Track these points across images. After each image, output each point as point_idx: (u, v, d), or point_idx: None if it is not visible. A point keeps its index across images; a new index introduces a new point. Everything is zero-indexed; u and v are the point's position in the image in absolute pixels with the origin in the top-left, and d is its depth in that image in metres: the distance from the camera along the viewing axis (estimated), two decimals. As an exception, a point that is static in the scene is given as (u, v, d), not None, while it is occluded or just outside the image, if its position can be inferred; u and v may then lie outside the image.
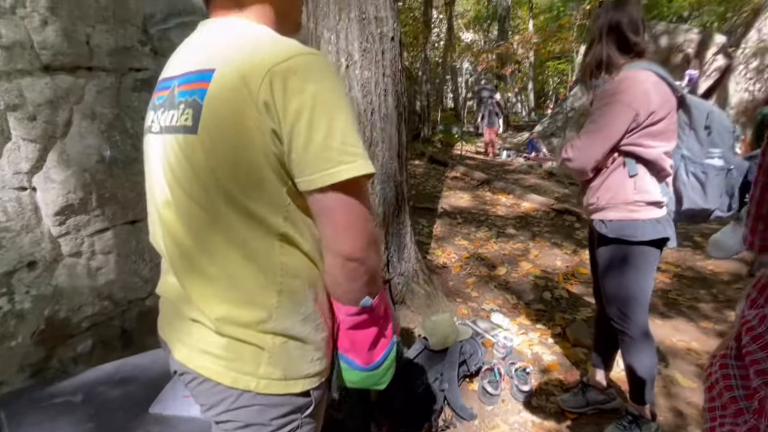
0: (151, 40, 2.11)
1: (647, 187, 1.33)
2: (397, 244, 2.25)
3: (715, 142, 1.30)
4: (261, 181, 0.61)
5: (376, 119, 2.06)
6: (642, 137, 1.29)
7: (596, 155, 1.32)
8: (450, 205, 4.69)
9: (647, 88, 1.26)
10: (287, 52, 0.59)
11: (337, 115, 0.58)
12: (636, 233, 1.34)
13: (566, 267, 3.12)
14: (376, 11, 1.94)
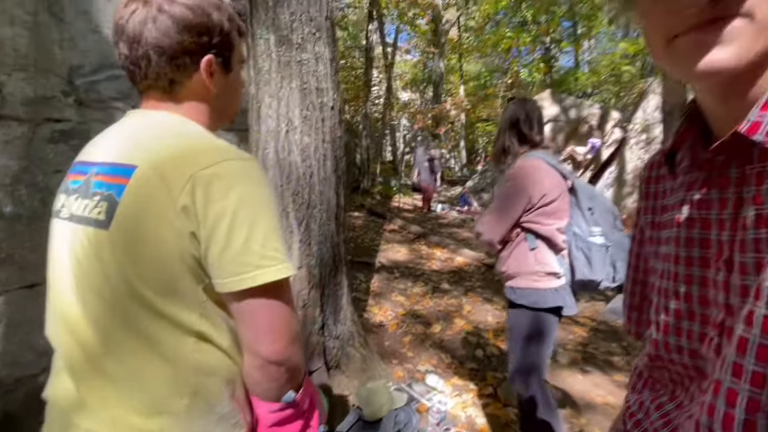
0: (77, 91, 2.00)
1: (545, 259, 1.52)
2: (333, 306, 2.21)
3: (598, 221, 1.50)
4: (174, 282, 0.59)
5: (315, 182, 2.09)
6: (538, 216, 1.50)
7: (500, 231, 1.53)
8: (388, 259, 4.75)
9: (539, 175, 1.49)
10: (215, 156, 0.59)
11: (259, 220, 0.58)
12: (538, 300, 1.51)
13: (497, 323, 3.25)
14: (318, 83, 2.04)
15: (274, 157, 2.03)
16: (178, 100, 0.68)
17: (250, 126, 2.14)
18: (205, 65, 0.66)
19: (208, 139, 0.64)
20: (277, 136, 2.02)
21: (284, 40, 1.96)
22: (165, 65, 0.64)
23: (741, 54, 0.38)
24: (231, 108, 0.77)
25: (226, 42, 0.68)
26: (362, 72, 12.22)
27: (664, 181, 0.60)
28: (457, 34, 17.44)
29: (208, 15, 0.65)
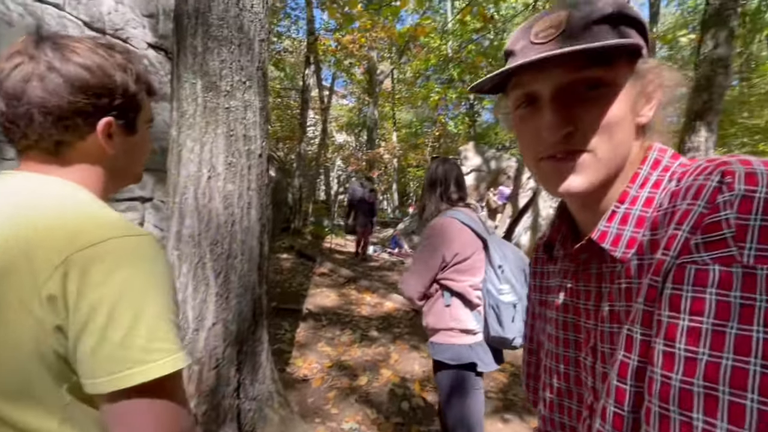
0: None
1: (460, 315, 1.58)
2: (251, 364, 2.06)
3: (508, 278, 1.57)
4: (28, 383, 0.50)
5: (237, 231, 2.00)
6: (452, 273, 1.57)
7: (418, 288, 1.59)
8: (316, 305, 4.60)
9: (452, 234, 1.57)
10: (97, 234, 0.52)
11: (147, 308, 0.51)
12: (454, 357, 1.55)
13: (423, 372, 3.25)
14: (246, 130, 2.00)
15: (193, 203, 1.92)
16: (65, 162, 0.61)
17: (168, 169, 2.02)
18: (103, 127, 0.61)
19: (93, 211, 0.57)
20: (198, 181, 1.92)
21: (212, 86, 1.92)
22: (50, 126, 0.57)
23: (589, 181, 0.47)
24: (134, 169, 0.72)
25: (130, 103, 0.64)
26: (298, 112, 12.32)
27: (548, 264, 0.67)
28: (391, 85, 18.49)
29: (110, 76, 0.60)
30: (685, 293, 0.37)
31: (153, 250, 0.56)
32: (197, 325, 1.89)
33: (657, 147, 0.50)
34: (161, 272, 0.56)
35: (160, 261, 0.57)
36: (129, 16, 2.57)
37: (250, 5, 2.01)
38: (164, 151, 2.65)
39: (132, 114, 0.65)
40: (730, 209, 0.36)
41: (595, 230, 0.49)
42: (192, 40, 1.92)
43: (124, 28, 2.52)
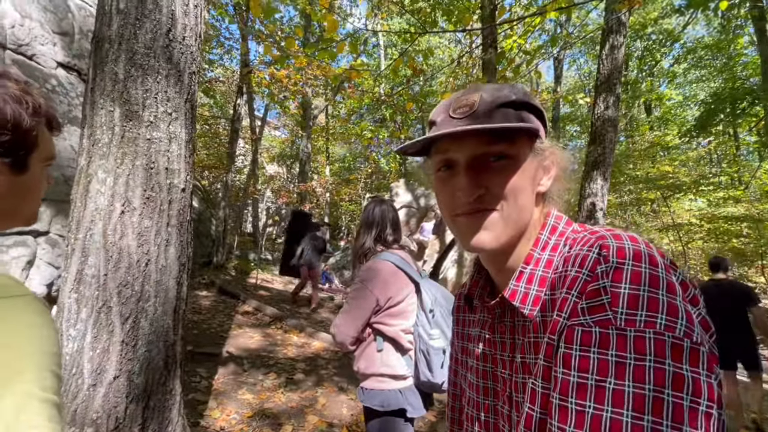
0: None
1: (391, 361, 1.57)
2: (158, 421, 1.83)
3: (438, 323, 1.58)
4: None
5: (152, 270, 1.83)
6: (385, 317, 1.57)
7: (350, 332, 1.55)
8: (238, 347, 4.28)
9: (386, 277, 1.58)
10: None
11: (15, 387, 0.44)
12: (382, 402, 1.53)
13: (351, 416, 3.14)
14: (169, 163, 1.89)
15: (101, 240, 1.73)
16: None
17: (72, 201, 1.81)
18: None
19: None
20: (109, 216, 1.75)
21: (133, 116, 1.80)
22: None
23: (496, 237, 0.54)
24: (25, 210, 0.64)
25: (21, 140, 0.57)
26: (227, 141, 11.89)
27: (468, 312, 0.72)
28: (325, 120, 18.77)
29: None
30: (574, 352, 0.43)
31: (31, 315, 0.49)
32: (94, 379, 1.66)
33: (554, 214, 0.59)
34: (39, 340, 0.48)
35: (38, 326, 0.49)
36: (37, 32, 2.35)
37: (181, 37, 1.95)
38: (67, 180, 2.38)
39: (22, 151, 0.59)
40: (606, 278, 0.43)
41: (507, 288, 0.55)
42: (113, 66, 1.80)
43: (29, 44, 2.29)
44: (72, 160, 2.38)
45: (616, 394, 0.38)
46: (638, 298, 0.40)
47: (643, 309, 0.40)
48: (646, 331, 0.39)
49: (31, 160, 0.60)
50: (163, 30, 1.88)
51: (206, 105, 14.25)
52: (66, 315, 1.71)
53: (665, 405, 0.37)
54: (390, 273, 1.58)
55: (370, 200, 1.84)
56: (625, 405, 0.38)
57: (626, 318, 0.40)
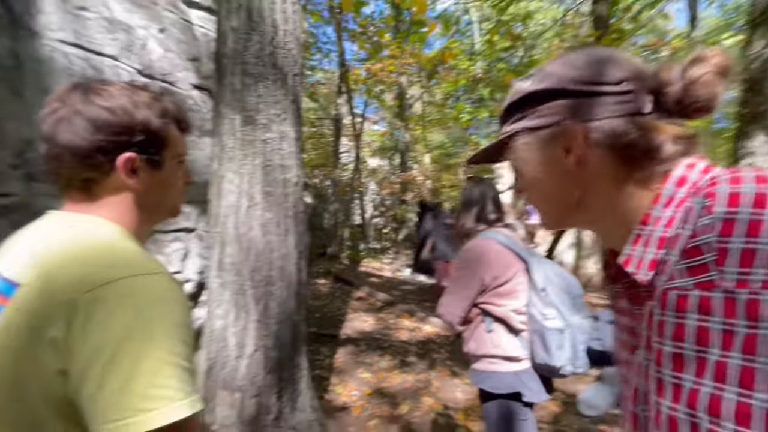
0: (27, 164, 1.94)
1: (502, 342, 1.49)
2: (290, 392, 2.06)
3: (552, 302, 1.45)
4: (41, 428, 0.51)
5: (275, 257, 2.04)
6: (492, 297, 1.50)
7: (457, 313, 1.53)
8: (354, 330, 4.58)
9: (489, 256, 1.50)
10: (106, 274, 0.51)
11: (150, 351, 0.49)
12: (496, 385, 1.46)
13: (466, 400, 3.11)
14: (282, 160, 2.08)
15: (234, 232, 1.99)
16: (94, 199, 0.63)
17: (210, 200, 2.11)
18: (123, 163, 0.62)
19: (108, 249, 0.57)
20: (238, 211, 2.00)
21: (250, 120, 2.02)
22: (77, 165, 0.60)
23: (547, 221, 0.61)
24: (167, 203, 0.72)
25: (152, 139, 0.65)
26: (332, 140, 12.69)
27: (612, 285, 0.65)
28: (421, 108, 18.73)
29: (130, 113, 0.62)
30: (668, 318, 0.39)
31: (165, 290, 0.55)
32: (238, 352, 1.92)
33: (686, 162, 0.49)
34: (171, 313, 0.53)
35: (171, 300, 0.54)
36: (176, 61, 2.78)
37: (283, 43, 2.12)
38: (206, 184, 2.79)
39: (155, 149, 0.66)
40: (710, 233, 0.36)
41: (621, 255, 0.50)
42: (231, 78, 2.04)
43: (171, 72, 2.73)
44: (208, 166, 2.78)
45: (719, 366, 0.34)
46: (755, 253, 0.33)
47: (763, 266, 0.33)
48: (763, 293, 0.33)
49: (165, 157, 0.68)
50: (268, 39, 2.06)
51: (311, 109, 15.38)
52: (213, 297, 2.01)
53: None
54: (494, 252, 1.51)
55: (468, 181, 1.79)
56: (729, 380, 0.33)
57: (738, 278, 0.34)
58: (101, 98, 0.61)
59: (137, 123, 0.62)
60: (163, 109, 0.67)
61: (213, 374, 1.93)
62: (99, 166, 0.61)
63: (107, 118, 0.60)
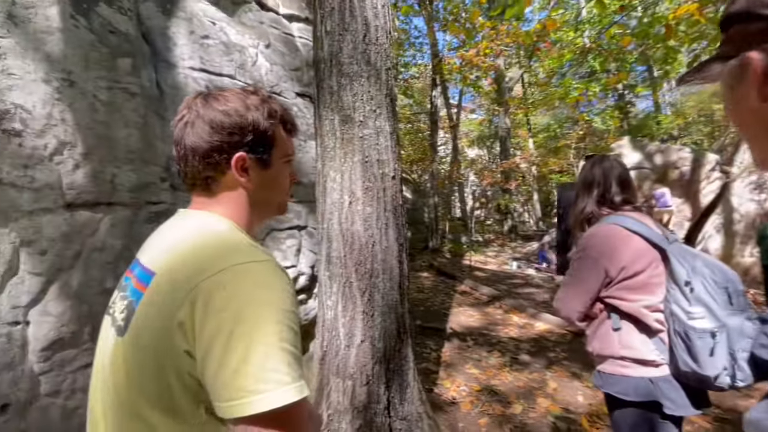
0: (172, 176, 2.29)
1: (632, 342, 1.28)
2: (398, 383, 2.08)
3: (701, 299, 1.16)
4: (173, 401, 0.56)
5: (377, 251, 2.08)
6: (620, 290, 1.28)
7: (576, 307, 1.35)
8: (459, 325, 4.48)
9: (615, 243, 1.28)
10: (223, 261, 0.56)
11: (260, 336, 0.51)
12: (624, 391, 1.27)
13: (590, 405, 2.81)
14: (379, 155, 2.10)
15: (338, 227, 2.08)
16: (214, 196, 0.69)
17: (316, 198, 2.24)
18: (236, 162, 0.67)
19: (225, 241, 0.62)
20: (341, 207, 2.08)
21: (347, 119, 2.08)
22: (198, 164, 0.67)
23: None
24: (275, 200, 0.76)
25: (261, 139, 0.69)
26: (428, 134, 12.64)
27: None
28: (522, 90, 17.54)
29: (242, 115, 0.67)
30: None
31: (273, 277, 0.57)
32: (348, 341, 2.01)
33: None
34: (279, 298, 0.56)
35: (279, 287, 0.57)
36: (281, 73, 3.02)
37: (375, 38, 2.14)
38: (313, 184, 2.99)
39: (263, 149, 0.70)
40: None
41: None
42: (329, 81, 2.13)
43: (277, 84, 2.98)
44: (313, 168, 2.97)
45: None
46: None
47: None
48: None
49: (273, 157, 0.72)
50: (360, 37, 2.10)
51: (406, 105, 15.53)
52: (323, 289, 2.13)
53: None
54: (620, 238, 1.30)
55: (587, 159, 1.56)
56: None
57: None
58: (218, 102, 0.67)
59: (248, 124, 0.67)
60: (271, 110, 0.70)
61: (326, 361, 2.05)
62: (216, 165, 0.67)
63: (223, 120, 0.66)
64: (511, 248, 12.63)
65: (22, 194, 1.71)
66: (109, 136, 2.04)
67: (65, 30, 1.95)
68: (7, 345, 1.64)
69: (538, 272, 8.91)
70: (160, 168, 2.25)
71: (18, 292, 1.70)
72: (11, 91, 1.71)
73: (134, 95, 2.17)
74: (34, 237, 1.75)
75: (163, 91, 2.32)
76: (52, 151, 1.83)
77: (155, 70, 2.31)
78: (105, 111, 2.04)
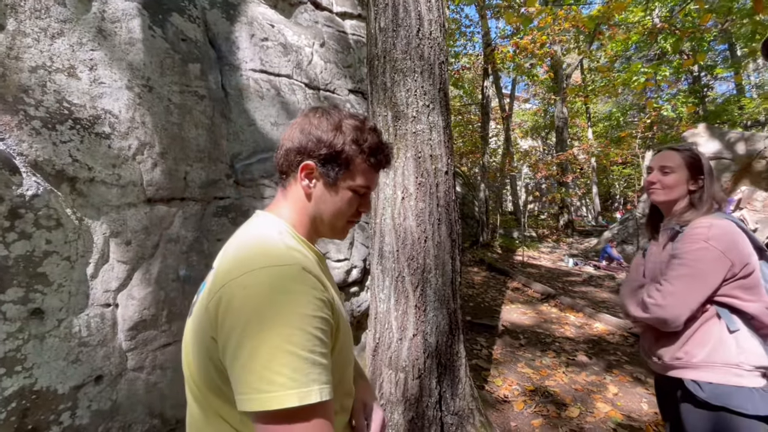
0: (236, 173, 2.44)
1: (753, 347, 1.14)
2: (450, 378, 2.09)
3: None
4: (214, 380, 0.62)
5: (429, 246, 2.09)
6: (736, 289, 1.16)
7: (693, 304, 1.18)
8: (511, 322, 4.38)
9: (737, 238, 1.17)
10: (250, 264, 0.60)
11: (268, 338, 0.53)
12: (746, 405, 1.10)
13: (655, 413, 2.64)
14: (432, 150, 2.10)
15: (391, 222, 2.11)
16: (285, 196, 0.77)
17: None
18: (303, 166, 0.73)
19: (264, 244, 0.66)
20: (394, 203, 2.11)
21: (400, 115, 2.10)
22: (280, 159, 0.76)
23: None
24: (329, 221, 0.76)
25: (333, 158, 0.71)
26: (479, 126, 12.33)
27: None
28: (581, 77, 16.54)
29: (326, 131, 0.72)
30: None
31: (293, 281, 0.59)
32: (400, 335, 2.04)
33: None
34: (297, 303, 0.57)
35: (299, 291, 0.58)
36: (334, 71, 3.09)
37: (428, 32, 2.12)
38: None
39: (333, 168, 0.72)
40: None
41: None
42: (382, 77, 2.15)
43: (331, 81, 3.05)
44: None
45: None
46: None
47: None
48: None
49: (340, 179, 0.73)
50: (414, 32, 2.09)
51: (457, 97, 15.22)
52: (376, 282, 2.18)
53: None
54: (738, 233, 1.18)
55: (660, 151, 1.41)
56: None
57: None
58: (316, 116, 0.74)
59: (326, 139, 0.72)
60: (359, 138, 0.72)
61: (379, 353, 2.10)
62: (291, 164, 0.74)
63: (309, 129, 0.73)
64: (567, 244, 12.05)
65: (111, 190, 1.92)
66: (182, 136, 2.22)
67: (144, 40, 2.14)
68: (101, 324, 1.86)
69: (597, 269, 8.44)
70: (225, 165, 2.40)
71: (108, 277, 1.92)
72: (101, 98, 1.91)
73: (203, 98, 2.33)
74: (121, 229, 1.96)
75: (228, 92, 2.47)
76: (134, 151, 2.02)
77: (220, 74, 2.46)
78: (178, 113, 2.22)
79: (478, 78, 14.27)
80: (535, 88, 17.07)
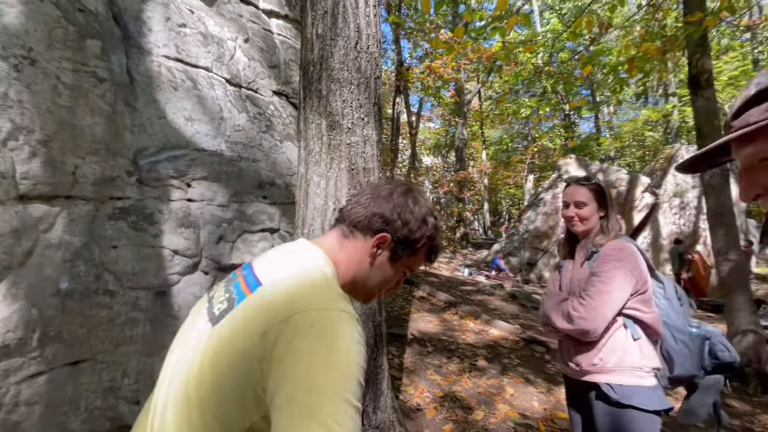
0: (140, 170, 2.13)
1: (650, 351, 1.36)
2: (373, 391, 2.08)
3: (687, 312, 1.41)
4: (243, 396, 0.60)
5: (359, 259, 2.07)
6: (638, 302, 1.37)
7: (608, 316, 1.34)
8: (419, 331, 4.56)
9: (638, 259, 1.39)
10: (323, 302, 0.62)
11: (334, 387, 0.55)
12: (648, 402, 1.30)
13: (544, 409, 2.98)
14: (365, 163, 2.10)
15: (320, 233, 2.05)
16: (345, 244, 0.78)
17: (297, 203, 2.19)
18: (381, 236, 0.77)
19: (328, 285, 0.70)
20: (324, 213, 2.05)
21: (336, 125, 2.06)
22: (364, 216, 0.78)
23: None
24: (369, 286, 0.81)
25: (407, 242, 0.79)
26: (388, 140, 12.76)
27: None
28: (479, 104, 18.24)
29: (416, 218, 0.78)
30: None
31: (356, 332, 0.61)
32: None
33: None
34: (358, 352, 0.60)
35: (360, 341, 0.61)
36: (258, 70, 2.92)
37: (366, 47, 2.14)
38: (287, 186, 2.91)
39: (403, 249, 0.79)
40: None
41: None
42: (317, 84, 2.10)
43: (255, 80, 2.87)
44: (289, 169, 2.90)
45: None
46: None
47: None
48: None
49: (402, 259, 0.80)
50: (352, 44, 2.09)
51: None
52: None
53: None
54: (638, 254, 1.40)
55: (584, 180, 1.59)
56: None
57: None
58: (414, 197, 0.81)
59: (412, 227, 0.78)
60: (434, 235, 0.82)
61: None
62: (371, 226, 0.78)
63: (401, 209, 0.79)
64: (462, 255, 13.06)
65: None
66: (73, 123, 1.87)
67: (28, 2, 1.76)
68: (-60, 354, 1.44)
69: (488, 279, 9.31)
70: (127, 161, 2.08)
71: (-44, 292, 1.50)
72: (-39, 65, 1.51)
73: (102, 80, 2.00)
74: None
75: (134, 78, 2.16)
76: (5, 135, 1.63)
77: (126, 56, 2.14)
78: (69, 95, 1.86)
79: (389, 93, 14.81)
80: (440, 108, 18.35)
